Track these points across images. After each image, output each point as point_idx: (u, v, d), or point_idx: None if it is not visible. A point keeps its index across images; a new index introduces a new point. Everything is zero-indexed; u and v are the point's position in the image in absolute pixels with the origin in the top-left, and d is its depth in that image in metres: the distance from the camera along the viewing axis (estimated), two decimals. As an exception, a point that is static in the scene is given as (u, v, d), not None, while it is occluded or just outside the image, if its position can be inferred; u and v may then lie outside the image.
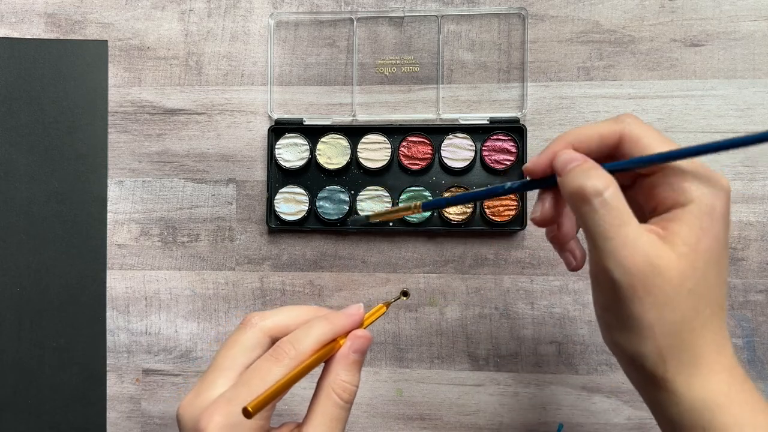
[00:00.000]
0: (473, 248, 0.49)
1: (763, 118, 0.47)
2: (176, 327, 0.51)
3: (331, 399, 0.31)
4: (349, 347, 0.33)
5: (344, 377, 0.32)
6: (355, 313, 0.34)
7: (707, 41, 0.48)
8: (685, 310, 0.28)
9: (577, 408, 0.49)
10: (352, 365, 0.32)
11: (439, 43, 0.50)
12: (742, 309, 0.47)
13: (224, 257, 0.51)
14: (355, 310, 0.34)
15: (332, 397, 0.31)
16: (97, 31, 0.52)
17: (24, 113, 0.51)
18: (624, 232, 0.28)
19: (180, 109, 0.51)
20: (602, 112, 0.48)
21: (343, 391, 0.31)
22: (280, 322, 0.33)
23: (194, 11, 0.51)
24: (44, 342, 0.51)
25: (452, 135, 0.49)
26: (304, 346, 0.31)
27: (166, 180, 0.51)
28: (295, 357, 0.31)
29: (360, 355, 0.33)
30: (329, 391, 0.31)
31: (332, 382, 0.32)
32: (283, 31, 0.51)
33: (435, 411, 0.50)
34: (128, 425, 0.51)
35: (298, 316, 0.34)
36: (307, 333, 0.32)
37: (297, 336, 0.32)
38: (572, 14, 0.49)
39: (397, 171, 0.50)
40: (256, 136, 0.51)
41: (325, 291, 0.50)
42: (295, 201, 0.50)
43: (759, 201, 0.47)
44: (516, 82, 0.49)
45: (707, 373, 0.28)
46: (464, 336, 0.49)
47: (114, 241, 0.52)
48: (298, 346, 0.31)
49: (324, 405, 0.31)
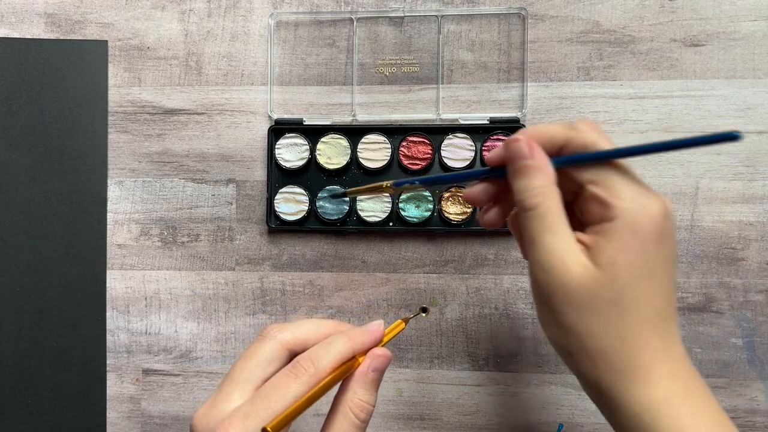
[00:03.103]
0: (473, 248, 0.49)
1: (763, 118, 0.47)
2: (176, 327, 0.51)
3: (348, 418, 0.31)
4: (368, 366, 0.32)
5: (362, 396, 0.31)
6: (375, 330, 0.33)
7: (707, 41, 0.48)
8: (609, 319, 0.29)
9: (577, 408, 0.49)
10: (370, 384, 0.32)
11: (439, 43, 0.50)
12: (742, 309, 0.47)
13: (224, 257, 0.51)
14: (375, 327, 0.34)
15: (349, 417, 0.31)
16: (97, 31, 0.52)
17: (24, 113, 0.51)
18: (549, 239, 0.30)
19: (180, 109, 0.51)
20: (602, 112, 0.48)
21: (360, 411, 0.31)
22: (299, 335, 0.33)
23: (194, 11, 0.51)
24: (44, 342, 0.51)
25: (452, 135, 0.49)
26: (323, 363, 0.30)
27: (166, 180, 0.51)
28: (315, 374, 0.30)
29: (379, 374, 0.32)
30: (346, 409, 0.31)
31: (349, 401, 0.31)
32: (283, 31, 0.51)
33: (435, 411, 0.50)
34: (128, 425, 0.51)
35: (317, 330, 0.33)
36: (327, 350, 0.31)
37: (317, 352, 0.31)
38: (572, 14, 0.49)
39: (397, 171, 0.50)
40: (256, 136, 0.51)
41: (325, 291, 0.50)
42: (295, 201, 0.50)
43: (759, 201, 0.47)
44: (516, 82, 0.49)
45: (645, 381, 0.29)
46: (464, 336, 0.49)
47: (114, 241, 0.52)
48: (318, 363, 0.30)
49: (340, 424, 0.31)
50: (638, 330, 0.29)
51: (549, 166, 0.31)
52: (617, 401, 0.30)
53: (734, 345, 0.48)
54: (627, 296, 0.29)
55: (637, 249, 0.29)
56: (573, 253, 0.30)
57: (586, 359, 0.30)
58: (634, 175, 0.30)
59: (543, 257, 0.30)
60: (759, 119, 0.47)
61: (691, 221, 0.48)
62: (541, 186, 0.30)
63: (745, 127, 0.47)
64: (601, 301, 0.29)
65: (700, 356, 0.48)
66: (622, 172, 0.30)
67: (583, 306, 0.29)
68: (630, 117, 0.48)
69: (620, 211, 0.29)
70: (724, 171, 0.48)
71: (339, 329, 0.33)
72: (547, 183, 0.30)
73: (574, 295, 0.29)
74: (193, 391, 0.51)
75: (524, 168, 0.31)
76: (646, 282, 0.29)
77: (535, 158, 0.31)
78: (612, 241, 0.29)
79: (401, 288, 0.50)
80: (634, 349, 0.29)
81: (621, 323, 0.29)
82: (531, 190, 0.30)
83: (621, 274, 0.29)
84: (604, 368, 0.30)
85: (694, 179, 0.48)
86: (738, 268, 0.47)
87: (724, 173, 0.48)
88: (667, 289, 0.30)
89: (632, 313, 0.29)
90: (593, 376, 0.30)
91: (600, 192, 0.30)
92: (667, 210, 0.30)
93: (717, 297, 0.48)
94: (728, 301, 0.48)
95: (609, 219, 0.29)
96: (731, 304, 0.47)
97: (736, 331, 0.47)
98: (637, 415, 0.29)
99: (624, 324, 0.29)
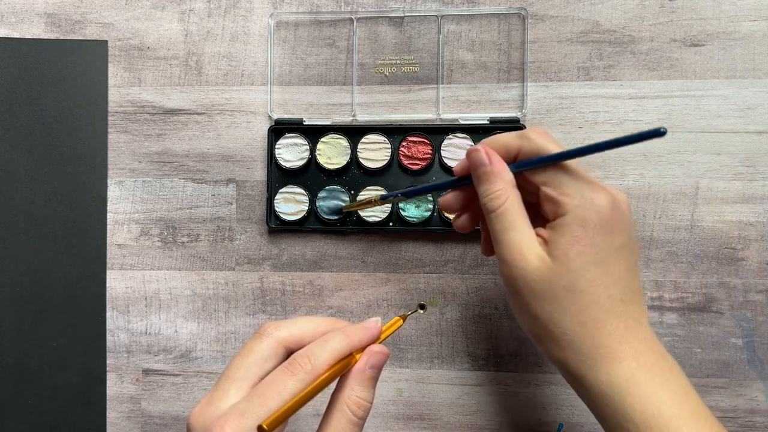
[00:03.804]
0: (473, 248, 0.49)
1: (763, 118, 0.47)
2: (176, 327, 0.51)
3: (345, 415, 0.31)
4: (365, 363, 0.32)
5: (359, 393, 0.31)
6: (372, 327, 0.34)
7: (707, 41, 0.48)
8: (567, 305, 0.32)
9: (577, 408, 0.49)
10: (367, 381, 0.32)
11: (439, 43, 0.50)
12: (742, 309, 0.47)
13: (224, 257, 0.51)
14: (372, 324, 0.34)
15: (346, 414, 0.31)
16: (97, 31, 0.52)
17: (24, 113, 0.51)
18: (510, 236, 0.33)
19: (180, 109, 0.51)
20: (602, 111, 0.48)
21: (358, 408, 0.31)
22: (295, 332, 0.33)
23: (194, 11, 0.51)
24: (44, 342, 0.51)
25: (452, 135, 0.49)
26: (320, 360, 0.31)
27: (166, 180, 0.51)
28: (311, 371, 0.30)
29: (376, 371, 0.32)
30: (343, 407, 0.31)
31: (346, 398, 0.31)
32: (283, 31, 0.51)
33: (435, 411, 0.50)
34: (128, 425, 0.51)
35: (314, 328, 0.33)
36: (324, 347, 0.31)
37: (313, 349, 0.31)
38: (572, 14, 0.49)
39: (397, 171, 0.50)
40: (256, 136, 0.51)
41: (325, 291, 0.50)
42: (295, 201, 0.50)
43: (759, 201, 0.47)
44: (516, 82, 0.49)
45: (609, 361, 0.32)
46: (464, 336, 0.49)
47: (114, 241, 0.52)
48: (314, 360, 0.31)
49: (337, 421, 0.31)
50: (596, 313, 0.32)
51: (507, 171, 0.34)
52: (586, 381, 0.32)
53: (734, 345, 0.48)
54: (581, 283, 0.32)
55: (586, 240, 0.32)
56: (531, 247, 0.33)
57: (553, 344, 0.33)
58: (582, 173, 0.33)
59: (506, 252, 0.33)
60: (759, 119, 0.47)
61: (691, 221, 0.48)
62: (501, 189, 0.34)
63: (745, 127, 0.47)
64: (558, 289, 0.32)
65: (700, 356, 0.48)
66: (570, 172, 0.33)
67: (542, 295, 0.32)
68: (630, 117, 0.48)
69: (569, 207, 0.32)
70: (724, 171, 0.48)
71: (336, 326, 0.34)
72: (506, 186, 0.34)
73: (534, 285, 0.32)
74: (193, 391, 0.51)
75: (485, 174, 0.34)
76: (599, 269, 0.32)
77: (493, 164, 0.34)
78: (564, 235, 0.32)
79: (401, 288, 0.50)
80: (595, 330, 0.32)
81: (578, 308, 0.32)
82: (492, 193, 0.34)
83: (573, 264, 0.32)
84: (570, 351, 0.32)
85: (694, 179, 0.48)
86: (738, 268, 0.47)
87: (724, 173, 0.48)
88: (623, 275, 0.33)
89: (588, 297, 0.32)
90: (562, 359, 0.33)
91: (550, 191, 0.33)
92: (616, 201, 0.33)
93: (717, 297, 0.48)
94: (728, 301, 0.48)
95: (561, 215, 0.33)
96: (731, 304, 0.47)
97: (736, 331, 0.47)
98: (605, 394, 0.32)
99: (581, 308, 0.32)
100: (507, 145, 0.35)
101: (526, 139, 0.34)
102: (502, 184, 0.34)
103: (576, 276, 0.32)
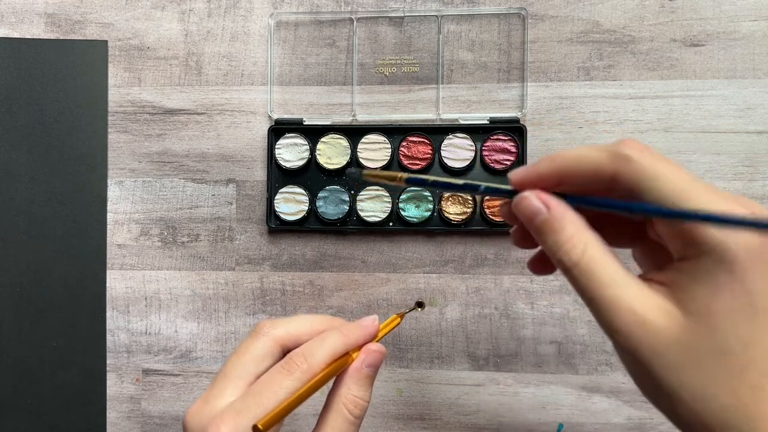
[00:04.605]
0: (473, 248, 0.49)
1: (763, 118, 0.47)
2: (176, 327, 0.51)
3: (342, 414, 0.31)
4: (362, 361, 0.32)
5: (356, 392, 0.31)
6: (369, 325, 0.33)
7: (707, 41, 0.48)
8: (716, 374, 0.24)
9: (577, 408, 0.49)
10: (364, 380, 0.32)
11: (439, 43, 0.50)
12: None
13: (224, 257, 0.51)
14: (369, 322, 0.33)
15: (343, 412, 0.31)
16: (97, 31, 0.52)
17: (24, 113, 0.51)
18: (609, 294, 0.25)
19: (180, 109, 0.51)
20: (602, 111, 0.48)
21: (354, 407, 0.31)
22: (292, 331, 0.32)
23: (194, 11, 0.51)
24: (44, 342, 0.51)
25: (452, 135, 0.49)
26: (316, 359, 0.30)
27: (166, 180, 0.51)
28: (307, 370, 0.30)
29: (373, 369, 0.32)
30: (340, 405, 0.31)
31: (343, 397, 0.31)
32: (283, 31, 0.51)
33: (435, 411, 0.50)
34: (128, 425, 0.51)
35: (311, 326, 0.33)
36: (320, 345, 0.31)
37: (310, 348, 0.31)
38: (572, 14, 0.49)
39: (397, 171, 0.50)
40: (256, 136, 0.51)
41: (325, 291, 0.50)
42: (295, 201, 0.50)
43: (759, 201, 0.47)
44: (516, 82, 0.49)
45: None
46: (464, 336, 0.49)
47: (114, 241, 0.52)
48: (311, 359, 0.30)
49: (334, 420, 0.31)
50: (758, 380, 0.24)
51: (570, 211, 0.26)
52: None
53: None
54: (732, 344, 0.24)
55: (736, 287, 0.23)
56: (649, 302, 0.24)
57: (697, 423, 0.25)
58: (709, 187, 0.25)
59: (613, 318, 0.25)
60: (759, 119, 0.47)
61: (691, 221, 0.48)
62: (573, 235, 0.26)
63: (745, 127, 0.47)
64: (702, 352, 0.24)
65: None
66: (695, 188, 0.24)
67: (680, 364, 0.24)
68: (630, 117, 0.48)
69: (707, 239, 0.24)
70: (724, 171, 0.48)
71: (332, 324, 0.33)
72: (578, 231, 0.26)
73: (666, 353, 0.24)
74: (193, 391, 0.51)
75: (544, 224, 0.26)
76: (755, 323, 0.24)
77: (552, 209, 0.26)
78: (702, 282, 0.24)
79: (401, 288, 0.50)
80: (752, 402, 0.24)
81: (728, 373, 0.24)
82: (562, 246, 0.26)
83: (720, 321, 0.24)
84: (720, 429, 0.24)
85: (694, 179, 0.48)
86: (738, 268, 0.47)
87: (724, 173, 0.48)
88: None
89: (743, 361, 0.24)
90: None
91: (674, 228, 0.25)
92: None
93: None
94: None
95: (693, 254, 0.24)
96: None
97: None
98: None
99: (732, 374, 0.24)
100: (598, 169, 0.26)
101: (623, 159, 0.25)
102: (572, 228, 0.26)
103: (724, 336, 0.23)
